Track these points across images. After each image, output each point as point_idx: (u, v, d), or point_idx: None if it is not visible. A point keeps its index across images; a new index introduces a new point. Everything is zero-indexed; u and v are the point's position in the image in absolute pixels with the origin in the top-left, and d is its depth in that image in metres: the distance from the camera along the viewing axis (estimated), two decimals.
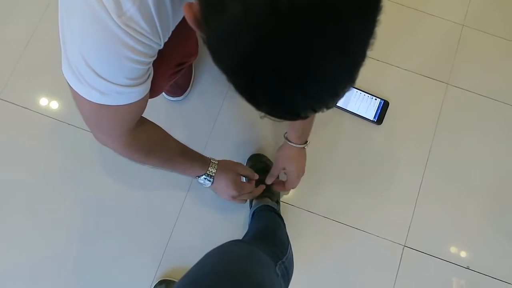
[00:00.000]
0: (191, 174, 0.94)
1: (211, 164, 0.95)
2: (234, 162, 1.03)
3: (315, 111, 0.42)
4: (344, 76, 0.39)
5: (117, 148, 0.74)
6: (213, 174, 0.95)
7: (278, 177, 1.11)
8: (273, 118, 0.43)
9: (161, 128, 0.84)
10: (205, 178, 0.95)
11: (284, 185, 1.09)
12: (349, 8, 0.34)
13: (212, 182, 0.96)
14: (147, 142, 0.78)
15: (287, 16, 0.33)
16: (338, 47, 0.36)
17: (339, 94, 0.41)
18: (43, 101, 1.26)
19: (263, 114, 0.43)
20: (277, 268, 0.75)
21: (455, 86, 1.33)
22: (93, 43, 0.51)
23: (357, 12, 0.35)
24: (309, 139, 1.03)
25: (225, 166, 0.98)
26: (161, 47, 0.58)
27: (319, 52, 0.35)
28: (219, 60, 0.40)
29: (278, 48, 0.35)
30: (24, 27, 1.31)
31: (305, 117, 0.43)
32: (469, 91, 1.33)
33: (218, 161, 0.97)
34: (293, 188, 1.10)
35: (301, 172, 1.06)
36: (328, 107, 0.42)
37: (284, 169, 1.06)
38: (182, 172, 0.93)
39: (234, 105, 1.27)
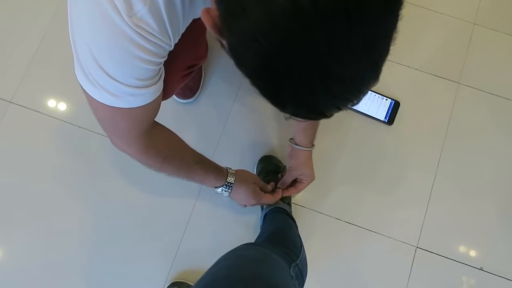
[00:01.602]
0: (208, 184, 0.93)
1: (229, 174, 0.94)
2: (251, 173, 1.03)
3: (340, 109, 0.42)
4: (368, 73, 0.39)
5: (134, 153, 0.74)
6: (231, 185, 0.94)
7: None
8: (297, 118, 0.43)
9: (176, 134, 0.83)
10: (222, 190, 0.94)
11: (296, 188, 1.07)
12: (371, 6, 0.34)
13: (230, 192, 0.95)
14: (163, 147, 0.78)
15: (310, 17, 0.33)
16: (362, 45, 0.35)
17: (363, 92, 0.41)
18: (54, 104, 1.27)
19: (287, 115, 0.43)
20: (291, 270, 0.75)
21: (467, 85, 1.32)
22: (103, 43, 0.51)
23: (381, 8, 0.35)
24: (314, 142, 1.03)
25: (243, 177, 0.97)
26: (172, 48, 0.59)
27: (343, 50, 0.35)
28: (242, 64, 0.40)
29: (302, 49, 0.35)
30: (34, 31, 1.32)
31: (330, 116, 0.43)
32: (481, 90, 1.32)
33: (235, 171, 0.97)
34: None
35: (314, 175, 1.05)
36: (352, 105, 0.42)
37: (300, 175, 1.05)
38: (198, 181, 0.92)
39: (244, 106, 1.27)
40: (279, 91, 0.39)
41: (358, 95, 0.41)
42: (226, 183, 0.94)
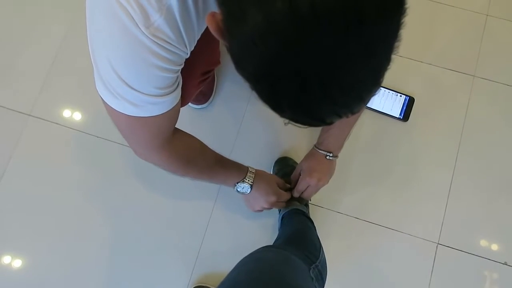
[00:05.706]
0: (229, 182, 0.93)
1: (249, 170, 0.94)
2: (270, 174, 1.03)
3: (340, 116, 0.41)
4: (368, 80, 0.38)
5: (158, 161, 0.75)
6: (252, 180, 0.93)
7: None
8: (297, 124, 0.43)
9: (195, 137, 0.85)
10: (244, 185, 0.93)
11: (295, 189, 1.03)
12: (370, 12, 0.33)
13: (252, 187, 0.94)
14: (185, 152, 0.79)
15: (308, 22, 0.33)
16: (361, 52, 0.35)
17: (364, 99, 0.40)
18: (72, 115, 1.30)
19: (287, 120, 0.43)
20: (311, 272, 0.75)
21: (482, 78, 1.30)
22: (123, 54, 0.53)
23: (380, 16, 0.34)
24: (339, 154, 0.99)
25: (264, 174, 0.98)
26: (188, 55, 0.60)
27: (341, 57, 0.35)
28: (242, 68, 0.40)
29: (300, 54, 0.34)
30: (49, 43, 1.35)
31: (330, 123, 0.42)
32: (497, 82, 1.30)
33: (255, 169, 0.97)
34: (298, 192, 1.03)
35: (313, 178, 0.97)
36: (353, 112, 0.41)
37: (301, 169, 1.01)
38: (220, 181, 0.93)
39: (258, 109, 1.28)
40: (277, 96, 0.39)
41: (358, 102, 0.40)
42: (247, 178, 0.93)
